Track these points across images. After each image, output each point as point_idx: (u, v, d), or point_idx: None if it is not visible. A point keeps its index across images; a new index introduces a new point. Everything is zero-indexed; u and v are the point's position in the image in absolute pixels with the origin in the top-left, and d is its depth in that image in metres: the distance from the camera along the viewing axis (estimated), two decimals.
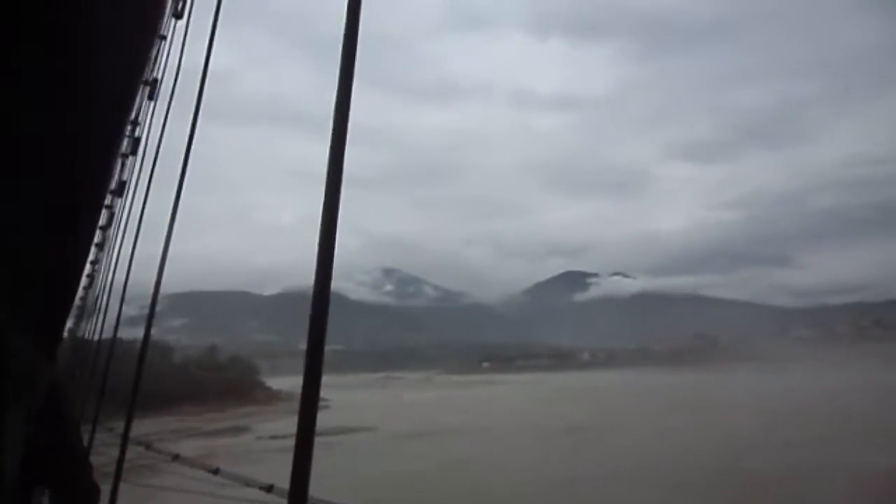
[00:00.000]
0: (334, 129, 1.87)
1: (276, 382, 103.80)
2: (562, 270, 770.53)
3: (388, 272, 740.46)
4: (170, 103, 7.34)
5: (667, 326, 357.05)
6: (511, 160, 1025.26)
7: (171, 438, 48.15)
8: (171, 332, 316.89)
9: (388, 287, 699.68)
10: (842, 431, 43.33)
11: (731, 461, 34.15)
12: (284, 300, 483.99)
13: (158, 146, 7.58)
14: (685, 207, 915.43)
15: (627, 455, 37.97)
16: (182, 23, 6.24)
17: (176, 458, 10.53)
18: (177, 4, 6.36)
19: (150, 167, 7.81)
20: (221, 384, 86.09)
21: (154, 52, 7.52)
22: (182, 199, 5.79)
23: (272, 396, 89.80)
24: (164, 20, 7.06)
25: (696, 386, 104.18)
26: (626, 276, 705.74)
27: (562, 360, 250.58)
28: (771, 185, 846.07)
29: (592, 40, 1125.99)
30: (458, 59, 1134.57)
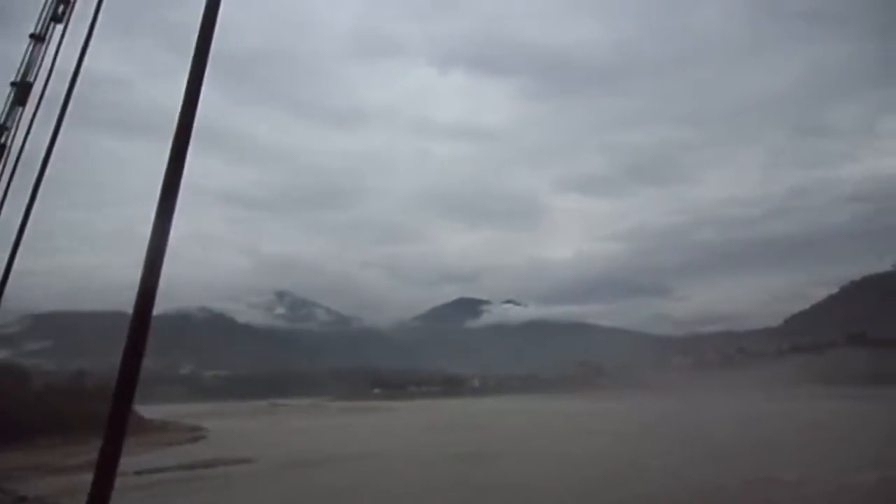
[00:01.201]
0: (176, 138, 1.72)
1: (149, 411, 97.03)
2: (455, 297, 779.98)
3: (281, 295, 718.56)
4: (37, 107, 6.78)
5: (554, 354, 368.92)
6: (411, 186, 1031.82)
7: (21, 477, 43.52)
8: (32, 355, 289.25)
9: (280, 310, 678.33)
10: (697, 454, 46.19)
11: (604, 485, 35.44)
12: (164, 322, 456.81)
13: (20, 154, 6.97)
14: (575, 238, 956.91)
15: (507, 481, 38.46)
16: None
17: (22, 500, 9.17)
18: (57, 7, 5.91)
19: (10, 174, 7.16)
20: (88, 414, 78.86)
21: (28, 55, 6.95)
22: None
23: (143, 427, 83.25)
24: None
25: (578, 412, 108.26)
26: (517, 303, 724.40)
27: (452, 386, 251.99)
28: (654, 219, 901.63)
29: (493, 76, 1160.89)
30: (364, 85, 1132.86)
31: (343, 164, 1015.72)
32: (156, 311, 1.96)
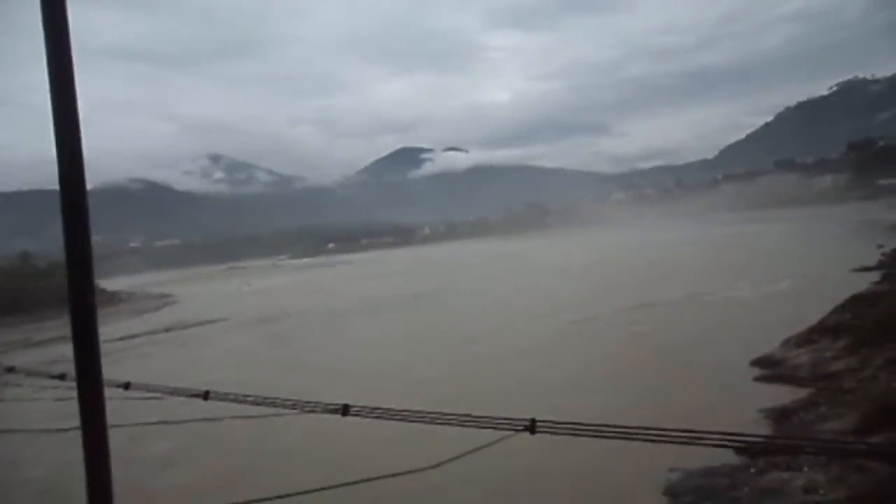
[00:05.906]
0: None
1: (111, 284, 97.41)
2: (396, 147, 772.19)
3: (215, 159, 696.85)
4: None
5: (500, 198, 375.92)
6: (327, 31, 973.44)
7: None
8: None
9: (218, 174, 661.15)
10: (642, 278, 50.76)
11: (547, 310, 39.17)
12: (100, 197, 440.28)
13: None
14: (509, 78, 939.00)
15: (465, 313, 41.92)
16: None
17: (11, 370, 9.41)
18: None
19: None
20: (45, 292, 78.33)
21: None
22: None
23: (111, 298, 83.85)
24: None
25: (525, 251, 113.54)
26: (459, 150, 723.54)
27: (404, 236, 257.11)
28: (589, 54, 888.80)
29: None
30: None
31: (250, 8, 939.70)
32: (87, 186, 1.98)
